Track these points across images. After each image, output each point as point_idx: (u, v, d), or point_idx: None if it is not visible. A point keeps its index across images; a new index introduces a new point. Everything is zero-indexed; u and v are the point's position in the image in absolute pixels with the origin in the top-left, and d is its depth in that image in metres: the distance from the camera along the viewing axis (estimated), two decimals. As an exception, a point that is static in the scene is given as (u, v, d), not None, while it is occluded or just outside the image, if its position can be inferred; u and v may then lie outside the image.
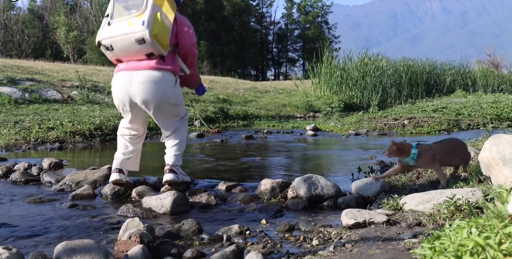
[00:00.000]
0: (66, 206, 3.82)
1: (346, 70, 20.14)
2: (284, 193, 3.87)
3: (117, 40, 3.86)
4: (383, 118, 11.45)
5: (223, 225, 3.16)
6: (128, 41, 3.83)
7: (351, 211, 3.06)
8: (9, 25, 64.97)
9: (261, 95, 21.46)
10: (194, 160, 6.37)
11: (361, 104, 18.39)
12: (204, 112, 12.27)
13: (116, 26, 3.86)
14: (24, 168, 5.29)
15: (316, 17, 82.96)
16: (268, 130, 10.26)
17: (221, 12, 72.28)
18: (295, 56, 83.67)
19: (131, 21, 3.82)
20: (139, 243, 2.58)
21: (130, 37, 3.81)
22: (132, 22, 3.81)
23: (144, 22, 3.78)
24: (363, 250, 2.47)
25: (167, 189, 4.08)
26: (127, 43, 3.85)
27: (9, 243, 2.86)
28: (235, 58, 71.82)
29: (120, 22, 3.86)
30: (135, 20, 3.81)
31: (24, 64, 21.58)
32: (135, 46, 3.84)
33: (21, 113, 10.42)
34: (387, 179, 4.11)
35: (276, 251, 2.63)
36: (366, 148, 7.50)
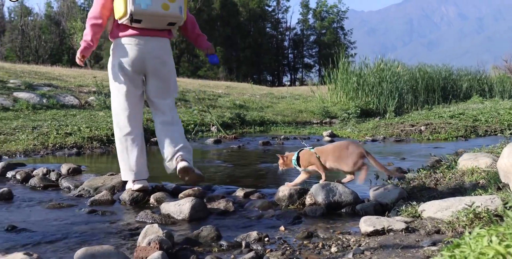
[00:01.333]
0: (85, 211, 3.85)
1: (362, 76, 20.06)
2: (302, 199, 3.88)
3: (150, 18, 4.10)
4: (400, 124, 11.41)
5: (242, 231, 3.16)
6: (161, 21, 4.17)
7: (369, 218, 3.05)
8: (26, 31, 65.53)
9: (277, 101, 21.45)
10: (211, 166, 6.38)
11: (377, 110, 18.31)
12: (220, 118, 12.29)
13: (149, 3, 4.02)
14: (43, 173, 5.33)
15: (331, 22, 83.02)
16: (285, 136, 10.26)
17: (237, 17, 72.50)
18: (311, 61, 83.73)
19: (166, 3, 4.07)
20: (158, 249, 2.59)
21: (166, 19, 4.16)
22: (169, 5, 4.08)
23: (181, 9, 4.16)
24: (382, 258, 2.46)
25: (185, 195, 4.10)
26: (158, 22, 4.17)
27: (29, 249, 2.88)
28: (251, 64, 71.96)
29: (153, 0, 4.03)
30: (170, 3, 4.08)
31: (41, 70, 21.74)
32: (163, 25, 4.23)
33: (39, 119, 10.49)
34: (404, 186, 4.10)
35: (295, 258, 2.63)
36: (383, 155, 7.47)
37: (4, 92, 13.16)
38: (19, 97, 12.80)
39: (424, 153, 7.16)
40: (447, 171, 4.51)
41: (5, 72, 17.60)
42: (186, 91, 20.24)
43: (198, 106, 13.54)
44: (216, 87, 26.93)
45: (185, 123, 10.94)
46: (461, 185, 3.91)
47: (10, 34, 65.16)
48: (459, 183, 3.99)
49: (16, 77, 16.60)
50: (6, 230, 3.30)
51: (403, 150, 8.13)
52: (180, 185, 4.53)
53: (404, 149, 8.22)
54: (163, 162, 4.40)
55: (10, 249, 2.87)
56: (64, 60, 61.68)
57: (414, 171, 5.02)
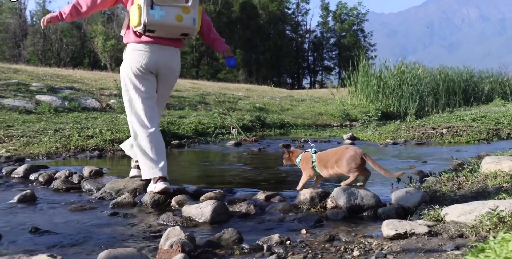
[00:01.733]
0: (107, 214, 3.87)
1: (382, 79, 20.00)
2: (323, 203, 3.86)
3: (164, 28, 4.24)
4: (421, 127, 11.33)
5: (263, 234, 3.16)
6: (174, 31, 4.32)
7: (391, 222, 3.04)
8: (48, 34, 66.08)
9: (297, 104, 21.44)
10: (232, 169, 6.39)
11: (398, 113, 18.24)
12: (241, 120, 12.31)
13: (164, 15, 4.16)
14: (65, 176, 5.37)
15: (351, 25, 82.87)
16: (305, 138, 10.24)
17: (257, 20, 72.59)
18: (330, 64, 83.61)
19: (180, 14, 4.22)
20: (180, 252, 2.60)
21: (178, 30, 4.32)
22: (183, 17, 4.22)
23: (195, 21, 4.31)
24: (405, 262, 2.45)
25: (206, 198, 4.11)
26: (171, 32, 4.33)
27: (53, 251, 2.91)
28: (271, 67, 71.99)
29: (167, 11, 4.18)
30: (184, 15, 4.23)
31: (63, 73, 21.93)
32: (176, 35, 4.39)
33: (61, 121, 10.58)
34: (427, 189, 4.08)
35: (317, 261, 2.63)
36: (404, 158, 7.43)
37: (27, 95, 13.30)
38: (41, 100, 12.93)
39: (445, 156, 7.10)
40: (469, 174, 4.47)
41: (28, 75, 17.78)
42: (206, 94, 20.31)
43: (218, 108, 13.57)
44: (236, 89, 26.98)
45: (205, 126, 10.98)
46: (484, 189, 3.88)
47: (32, 38, 65.76)
48: (482, 187, 3.96)
49: (38, 80, 16.77)
50: (30, 232, 3.33)
51: (424, 153, 8.08)
52: (202, 188, 4.55)
53: (426, 152, 8.17)
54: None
55: (34, 251, 2.89)
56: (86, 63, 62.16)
57: (436, 175, 4.98)
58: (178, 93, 19.57)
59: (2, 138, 8.16)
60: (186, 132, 10.26)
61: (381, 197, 3.86)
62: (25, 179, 5.52)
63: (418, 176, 5.22)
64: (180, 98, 18.01)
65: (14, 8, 67.44)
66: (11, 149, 7.59)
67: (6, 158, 6.88)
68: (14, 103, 12.16)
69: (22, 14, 69.40)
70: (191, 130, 10.47)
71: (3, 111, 11.26)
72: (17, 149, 7.62)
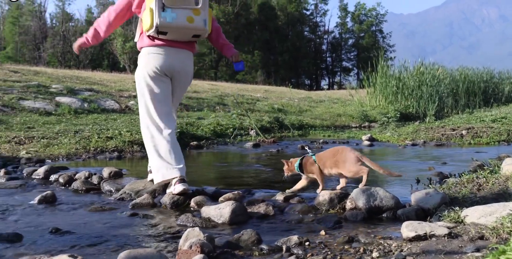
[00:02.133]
0: (126, 214, 3.90)
1: (401, 80, 19.91)
2: (342, 204, 3.85)
3: (175, 30, 4.32)
4: (441, 128, 11.27)
5: (282, 235, 3.16)
6: (186, 33, 4.41)
7: (411, 223, 3.02)
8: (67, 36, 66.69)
9: (315, 105, 21.41)
10: (250, 170, 6.40)
11: (417, 114, 18.14)
12: (259, 121, 12.31)
13: (175, 17, 4.25)
14: (85, 177, 5.41)
15: (370, 26, 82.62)
16: (323, 140, 10.21)
17: (275, 21, 72.59)
18: (349, 65, 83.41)
19: (191, 16, 4.30)
20: (199, 252, 2.60)
21: (190, 32, 4.39)
22: (194, 18, 4.30)
23: (206, 22, 4.38)
24: (425, 263, 2.44)
25: (225, 199, 4.12)
26: (183, 34, 4.41)
27: (73, 251, 2.93)
28: (289, 68, 71.95)
29: (178, 13, 4.27)
30: (195, 17, 4.31)
31: (82, 75, 22.10)
32: (188, 37, 4.47)
33: (81, 123, 10.65)
34: (446, 191, 4.05)
35: (336, 263, 2.63)
36: (424, 159, 7.39)
37: (47, 97, 13.41)
38: (61, 101, 13.04)
39: (465, 158, 7.06)
40: (490, 176, 4.43)
41: (48, 77, 17.95)
42: (224, 95, 20.35)
43: (236, 110, 13.61)
44: (255, 91, 27.00)
45: (224, 127, 11.00)
46: (505, 191, 3.84)
47: (52, 40, 66.41)
48: (502, 189, 3.92)
49: (58, 82, 16.92)
50: (50, 233, 3.35)
51: (444, 154, 8.03)
52: (221, 189, 4.55)
53: (445, 154, 8.12)
54: None
55: (55, 251, 2.92)
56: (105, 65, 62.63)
57: (456, 176, 4.95)
58: (196, 95, 19.63)
59: (22, 139, 8.24)
60: (205, 133, 10.28)
61: (401, 198, 3.84)
62: (45, 180, 5.57)
63: (438, 178, 5.19)
64: (198, 100, 18.06)
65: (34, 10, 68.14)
66: (32, 150, 7.65)
67: (26, 159, 6.95)
68: (34, 105, 12.28)
69: (42, 17, 70.15)
70: (210, 131, 10.49)
71: (23, 113, 11.37)
72: (37, 150, 7.68)
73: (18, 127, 9.36)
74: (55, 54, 65.31)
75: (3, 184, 5.25)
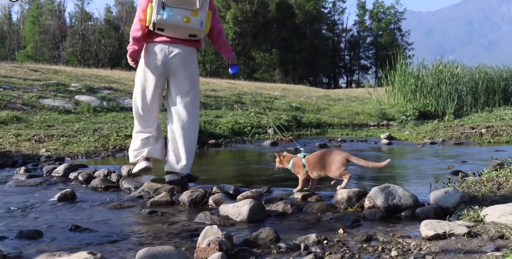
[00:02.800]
0: (145, 212, 3.91)
1: (420, 78, 19.79)
2: (360, 202, 3.84)
3: (172, 27, 4.56)
4: (460, 126, 11.19)
5: (300, 234, 3.16)
6: (182, 32, 4.61)
7: (430, 222, 3.00)
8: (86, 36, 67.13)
9: (333, 103, 21.37)
10: (268, 168, 6.39)
11: (436, 112, 18.03)
12: (277, 120, 12.30)
13: (172, 15, 4.50)
14: (104, 174, 5.45)
15: (389, 24, 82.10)
16: (342, 138, 10.18)
17: (293, 20, 72.44)
18: (367, 63, 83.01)
19: (188, 16, 4.52)
20: (218, 250, 2.61)
21: (186, 31, 4.60)
22: (190, 19, 4.53)
23: (202, 23, 4.59)
24: (444, 262, 2.42)
25: (243, 197, 4.13)
26: (179, 32, 4.62)
27: (93, 248, 2.95)
28: (307, 66, 71.77)
29: (176, 12, 4.51)
30: (192, 17, 4.54)
31: (101, 73, 22.24)
32: (185, 35, 4.65)
33: (100, 121, 10.72)
34: (466, 189, 4.03)
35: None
36: (442, 157, 7.35)
37: (66, 95, 13.52)
38: (80, 100, 13.14)
39: (485, 157, 7.00)
40: (510, 174, 4.39)
41: (67, 76, 18.08)
42: (242, 94, 20.36)
43: (254, 108, 13.62)
44: (272, 89, 27.00)
45: (242, 125, 11.01)
46: (526, 189, 3.81)
47: (71, 39, 66.83)
48: (523, 187, 3.89)
49: (77, 80, 17.04)
50: (70, 230, 3.38)
51: (463, 153, 7.98)
52: (239, 187, 4.56)
53: (465, 152, 8.06)
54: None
55: (74, 248, 2.94)
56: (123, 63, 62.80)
57: (476, 175, 4.91)
58: (214, 93, 19.67)
59: (42, 137, 8.31)
60: (223, 131, 10.30)
61: (419, 197, 3.82)
62: (65, 178, 5.62)
63: (457, 176, 5.15)
64: (216, 98, 18.09)
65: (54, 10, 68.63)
66: (51, 148, 7.72)
67: (46, 157, 7.01)
68: (54, 103, 12.38)
69: (61, 16, 70.62)
70: (228, 129, 10.50)
71: (43, 111, 11.46)
72: (57, 148, 7.75)
73: (38, 125, 9.45)
74: (74, 53, 65.75)
75: (24, 182, 5.30)
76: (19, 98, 12.17)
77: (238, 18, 65.43)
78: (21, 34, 74.33)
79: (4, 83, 13.96)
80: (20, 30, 75.07)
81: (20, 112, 10.95)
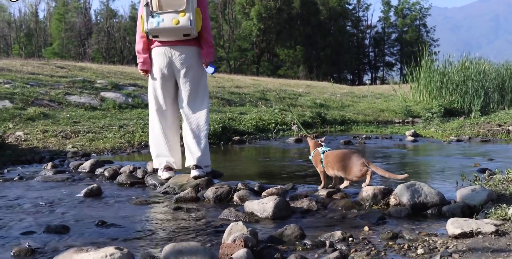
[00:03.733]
0: (170, 208, 3.94)
1: (446, 74, 19.58)
2: (386, 200, 3.82)
3: (165, 32, 4.77)
4: (486, 123, 11.07)
5: (325, 231, 3.15)
6: (176, 33, 4.79)
7: (457, 220, 2.98)
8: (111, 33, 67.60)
9: (358, 100, 21.25)
10: (293, 165, 6.39)
11: (462, 109, 17.83)
12: (301, 117, 12.28)
13: (162, 21, 4.69)
14: (130, 170, 5.50)
15: (414, 20, 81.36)
16: (366, 135, 10.13)
17: (317, 16, 72.14)
18: (392, 60, 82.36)
19: (177, 18, 4.68)
20: (243, 246, 2.62)
21: (179, 32, 4.77)
22: (179, 20, 4.67)
23: (192, 22, 4.70)
24: (472, 261, 2.40)
25: (268, 193, 4.13)
26: (173, 34, 4.81)
27: (119, 243, 2.98)
28: (331, 63, 71.45)
29: (165, 17, 4.69)
30: (181, 18, 4.68)
31: (126, 70, 22.35)
32: (179, 36, 4.84)
33: (125, 118, 10.78)
34: (493, 187, 3.99)
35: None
36: (469, 155, 7.28)
37: (92, 92, 13.63)
38: (106, 96, 13.23)
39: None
40: (538, 172, 4.35)
41: (93, 73, 18.22)
42: (266, 90, 20.35)
43: (278, 105, 13.59)
44: (297, 86, 26.95)
45: (266, 122, 11.00)
46: (554, 187, 3.76)
47: (97, 36, 67.38)
48: (551, 185, 3.84)
49: (103, 77, 17.16)
50: (97, 225, 3.42)
51: (490, 150, 7.90)
52: (263, 184, 4.57)
53: (491, 150, 7.98)
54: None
55: (101, 243, 2.97)
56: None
57: (503, 173, 4.86)
58: (238, 90, 19.69)
59: (69, 133, 8.39)
60: (247, 128, 10.30)
61: (446, 195, 3.79)
62: (91, 174, 5.68)
63: (484, 174, 5.10)
64: (241, 95, 18.11)
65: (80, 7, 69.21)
66: (78, 144, 7.80)
67: (73, 153, 7.09)
68: (80, 100, 12.49)
69: (87, 13, 71.22)
70: (252, 126, 10.50)
71: (69, 108, 11.57)
72: (83, 144, 7.82)
73: (65, 122, 9.54)
74: (100, 50, 66.29)
75: (51, 177, 5.37)
76: (46, 94, 12.30)
77: (262, 14, 65.34)
78: (48, 31, 75.12)
79: (31, 80, 14.11)
80: (46, 28, 75.87)
81: (47, 108, 11.07)
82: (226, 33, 71.02)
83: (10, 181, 5.25)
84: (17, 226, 3.43)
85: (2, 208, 3.97)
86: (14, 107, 10.48)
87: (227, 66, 66.38)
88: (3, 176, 5.47)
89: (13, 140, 7.86)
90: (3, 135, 7.95)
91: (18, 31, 73.52)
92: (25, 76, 14.55)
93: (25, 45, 71.82)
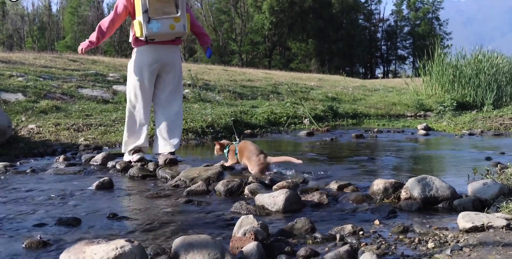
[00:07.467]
0: (181, 201, 3.95)
1: (458, 68, 19.46)
2: (397, 193, 3.81)
3: (161, 36, 5.38)
4: (499, 117, 11.02)
5: (336, 224, 3.16)
6: (170, 36, 5.47)
7: (468, 214, 2.97)
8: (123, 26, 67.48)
9: (370, 94, 21.17)
10: (304, 158, 6.37)
11: (474, 103, 17.72)
12: (313, 110, 12.26)
13: (159, 26, 5.24)
14: (141, 164, 5.51)
15: (426, 13, 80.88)
16: (378, 129, 10.09)
17: (329, 9, 71.91)
18: (404, 53, 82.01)
19: (172, 24, 5.27)
20: (253, 240, 2.63)
21: (173, 36, 5.48)
22: (175, 26, 5.28)
23: (185, 27, 5.36)
24: (482, 255, 2.40)
25: (279, 187, 4.14)
26: (167, 37, 5.47)
27: (130, 236, 3.00)
28: (343, 56, 71.24)
29: (162, 23, 5.24)
30: (176, 24, 5.29)
31: (138, 64, 22.33)
32: (172, 38, 5.54)
33: (137, 111, 10.79)
34: (505, 181, 3.96)
35: (391, 252, 2.61)
36: (481, 149, 7.24)
37: (104, 85, 13.67)
38: (118, 90, 13.27)
39: (525, 148, 6.88)
40: (551, 166, 4.32)
41: (105, 66, 18.27)
42: (278, 84, 20.33)
43: (290, 98, 13.58)
44: (308, 79, 26.89)
45: (277, 116, 11.00)
46: None
47: (109, 29, 67.41)
48: None
49: (115, 70, 17.20)
50: (108, 218, 3.44)
51: (502, 144, 7.85)
52: (274, 177, 4.57)
53: (503, 143, 7.94)
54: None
55: (112, 235, 2.99)
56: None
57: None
58: (250, 83, 19.68)
59: (81, 126, 8.43)
60: (259, 121, 10.29)
61: (457, 188, 3.78)
62: (103, 167, 5.71)
63: (496, 168, 5.07)
64: (252, 88, 18.09)
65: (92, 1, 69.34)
66: (90, 137, 7.83)
67: (85, 146, 7.12)
68: (92, 93, 12.53)
69: (99, 7, 71.34)
70: (264, 119, 10.49)
71: (82, 101, 11.61)
72: (95, 137, 7.85)
73: (77, 115, 9.57)
74: (112, 44, 66.33)
75: (63, 170, 5.39)
76: (58, 88, 12.35)
77: (274, 8, 65.20)
78: (61, 25, 75.40)
79: (44, 73, 14.17)
80: (59, 21, 76.16)
81: (59, 101, 11.10)
82: (238, 27, 71.01)
83: (23, 173, 5.28)
84: (29, 218, 3.45)
85: (15, 200, 4.00)
86: (26, 100, 10.52)
87: (239, 60, 66.38)
88: (15, 169, 5.50)
89: (26, 133, 7.90)
90: (16, 128, 8.00)
91: (31, 25, 73.88)
92: (38, 69, 14.60)
93: (38, 39, 72.14)
